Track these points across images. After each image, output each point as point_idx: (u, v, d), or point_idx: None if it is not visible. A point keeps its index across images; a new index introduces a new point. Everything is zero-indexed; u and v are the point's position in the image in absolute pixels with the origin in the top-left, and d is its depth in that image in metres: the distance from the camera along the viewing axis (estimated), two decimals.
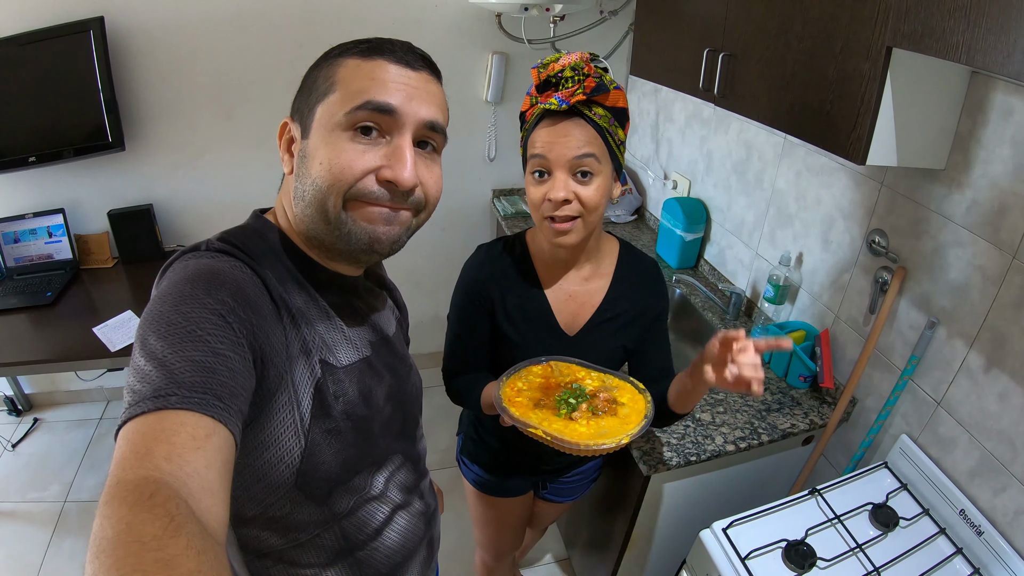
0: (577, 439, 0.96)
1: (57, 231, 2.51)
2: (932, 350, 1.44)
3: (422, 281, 3.16)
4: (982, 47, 0.88)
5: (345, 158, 0.74)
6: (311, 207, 0.77)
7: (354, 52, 0.78)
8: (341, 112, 0.74)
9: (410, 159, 0.76)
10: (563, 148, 1.10)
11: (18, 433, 2.98)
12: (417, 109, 0.77)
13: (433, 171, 0.83)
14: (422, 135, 0.80)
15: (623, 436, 0.98)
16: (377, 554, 0.93)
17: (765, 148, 1.99)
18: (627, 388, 1.12)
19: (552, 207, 1.12)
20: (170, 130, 2.53)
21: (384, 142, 0.77)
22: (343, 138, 0.75)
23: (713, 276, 2.35)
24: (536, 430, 0.98)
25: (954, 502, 1.37)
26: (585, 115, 1.10)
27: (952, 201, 1.35)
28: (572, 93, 1.08)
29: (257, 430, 0.73)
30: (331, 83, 0.76)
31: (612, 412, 1.05)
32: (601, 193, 1.13)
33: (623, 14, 2.62)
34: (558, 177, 1.11)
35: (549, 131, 1.11)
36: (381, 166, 0.75)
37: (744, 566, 1.27)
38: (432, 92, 0.81)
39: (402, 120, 0.76)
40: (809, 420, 1.65)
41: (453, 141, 0.98)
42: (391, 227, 0.79)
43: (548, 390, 1.10)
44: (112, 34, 2.25)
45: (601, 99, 1.11)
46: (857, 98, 1.17)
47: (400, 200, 0.78)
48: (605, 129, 1.12)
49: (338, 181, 0.74)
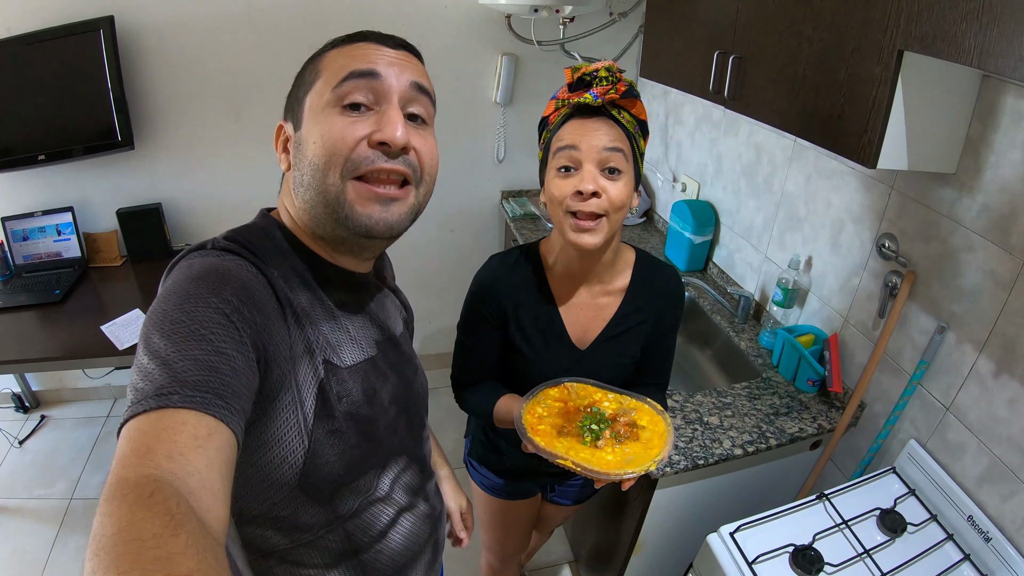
0: (607, 468, 0.99)
1: (66, 229, 2.53)
2: (941, 355, 1.43)
3: (431, 282, 3.17)
4: (994, 51, 0.88)
5: (337, 130, 0.76)
6: (311, 191, 0.78)
7: (335, 44, 0.82)
8: (328, 90, 0.77)
9: (399, 119, 0.78)
10: (592, 140, 1.10)
11: (25, 430, 3.00)
12: (400, 73, 0.80)
13: (426, 140, 0.84)
14: (410, 98, 0.81)
15: (650, 463, 1.00)
16: (382, 556, 0.93)
17: (775, 151, 1.99)
18: (645, 410, 1.12)
19: (579, 200, 1.11)
20: (179, 129, 2.54)
21: (373, 112, 0.78)
22: (333, 113, 0.77)
23: (722, 279, 2.35)
24: (566, 461, 1.00)
25: (962, 508, 1.36)
26: (614, 116, 1.12)
27: (962, 205, 1.35)
28: (606, 91, 1.10)
29: (260, 430, 0.73)
30: (316, 72, 0.80)
31: (634, 437, 1.06)
32: (627, 192, 1.13)
33: (633, 16, 2.61)
34: (587, 169, 1.10)
35: (579, 126, 1.12)
36: (372, 131, 0.77)
37: (751, 570, 1.27)
38: (413, 63, 0.84)
39: (387, 83, 0.78)
40: (817, 424, 1.64)
41: (462, 142, 0.98)
42: (387, 211, 0.80)
43: (568, 415, 1.11)
44: (122, 33, 2.27)
45: (629, 104, 1.14)
46: (868, 101, 1.16)
47: (395, 161, 0.79)
48: (632, 135, 1.13)
49: (334, 154, 0.75)
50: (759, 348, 1.98)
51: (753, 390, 1.77)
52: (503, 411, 1.28)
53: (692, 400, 1.71)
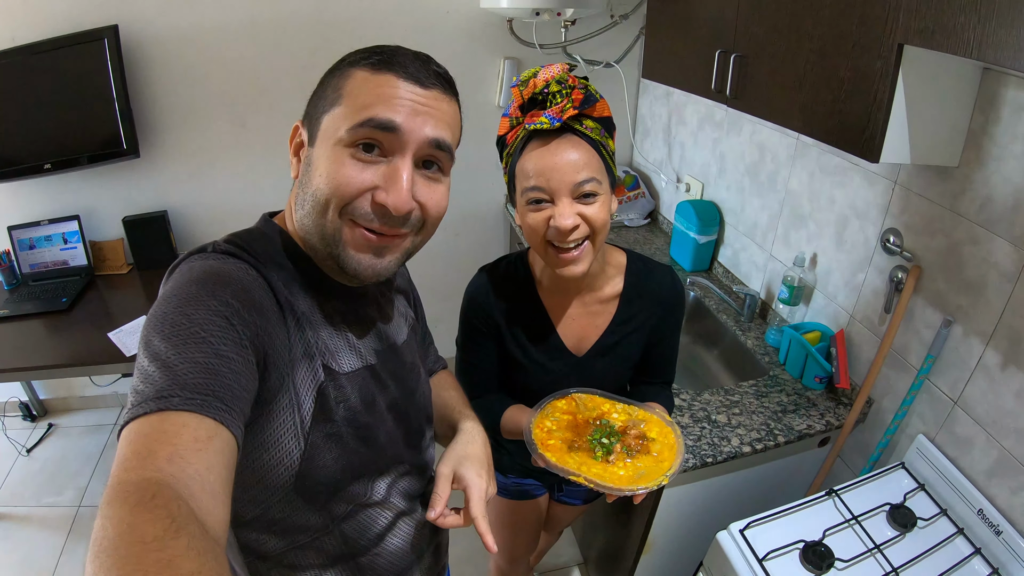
0: (619, 483, 0.98)
1: (72, 238, 2.54)
2: (948, 349, 1.43)
3: (436, 287, 3.15)
4: (993, 42, 0.88)
5: (344, 174, 0.74)
6: (309, 217, 0.78)
7: (365, 63, 0.76)
8: (344, 128, 0.74)
9: (406, 182, 0.75)
10: (562, 174, 1.03)
11: (33, 438, 3.01)
12: (422, 126, 0.76)
13: (435, 190, 0.81)
14: (426, 154, 0.78)
15: (662, 477, 0.99)
16: (380, 560, 0.93)
17: (778, 149, 1.99)
18: (654, 421, 1.12)
19: (558, 235, 1.05)
20: (184, 137, 2.56)
21: (385, 161, 0.76)
22: (344, 154, 0.74)
23: (727, 278, 2.35)
24: (578, 478, 0.99)
25: (972, 502, 1.35)
26: (577, 131, 1.05)
27: (966, 198, 1.35)
28: (562, 109, 1.02)
29: (257, 431, 0.73)
30: (339, 94, 0.76)
31: (645, 450, 1.06)
32: (607, 209, 1.08)
33: (634, 18, 2.63)
34: (562, 203, 1.04)
35: (542, 154, 1.04)
36: (377, 186, 0.75)
37: (762, 567, 1.26)
38: (441, 110, 0.79)
39: (404, 138, 0.75)
40: (825, 421, 1.64)
41: (466, 146, 0.96)
42: (379, 260, 0.79)
43: (577, 428, 1.10)
44: (126, 43, 2.29)
45: (589, 111, 1.06)
46: (869, 96, 1.17)
47: (394, 224, 0.77)
48: (598, 143, 1.07)
49: (335, 195, 0.74)
50: (766, 346, 1.97)
51: (760, 388, 1.77)
52: (510, 423, 1.28)
53: (699, 399, 1.71)
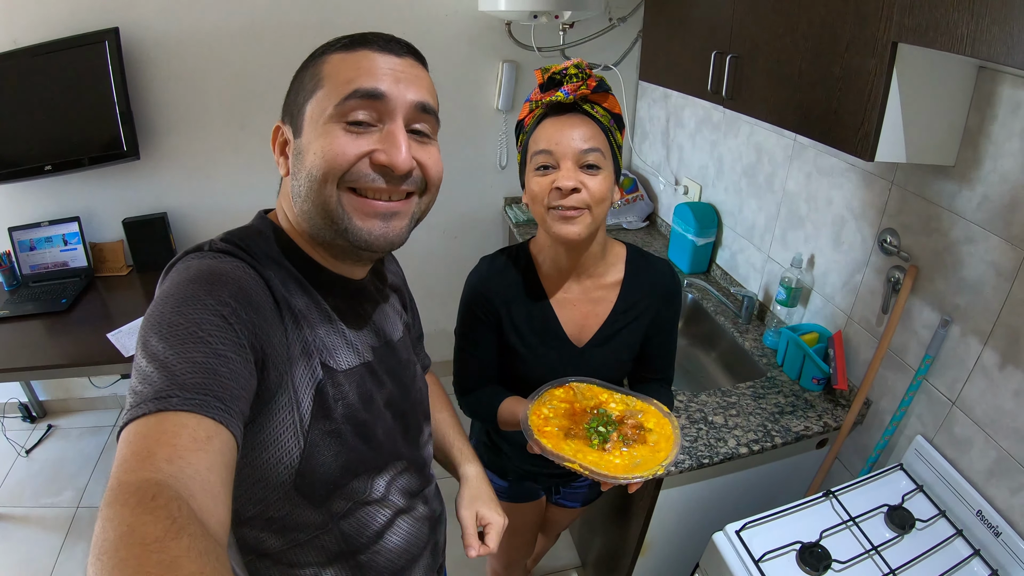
0: (614, 472, 0.98)
1: (72, 239, 2.54)
2: (946, 349, 1.42)
3: (434, 289, 3.16)
4: (986, 38, 0.88)
5: (339, 143, 0.74)
6: (308, 201, 0.77)
7: (337, 48, 0.79)
8: (331, 104, 0.75)
9: (403, 141, 0.77)
10: (569, 140, 1.10)
11: (32, 439, 3.01)
12: (405, 91, 0.77)
13: (430, 152, 0.83)
14: (414, 118, 0.79)
15: (658, 467, 0.99)
16: (379, 557, 0.93)
17: (775, 151, 1.99)
18: (651, 411, 1.12)
19: (559, 196, 1.10)
20: (184, 139, 2.57)
21: (377, 129, 0.77)
22: (336, 128, 0.75)
23: (725, 280, 2.34)
24: (573, 464, 0.99)
25: (971, 503, 1.34)
26: (588, 112, 1.12)
27: (963, 197, 1.34)
28: (576, 88, 1.11)
29: (256, 430, 0.73)
30: (318, 80, 0.77)
31: (641, 440, 1.06)
32: (608, 186, 1.13)
33: (632, 21, 2.63)
34: (565, 167, 1.10)
35: (554, 123, 1.12)
36: (375, 149, 0.76)
37: (758, 568, 1.26)
38: (419, 75, 0.81)
39: (392, 104, 0.76)
40: (823, 422, 1.63)
41: (464, 149, 0.97)
42: (388, 226, 0.79)
43: (575, 416, 1.11)
44: (127, 45, 2.29)
45: (601, 99, 1.14)
46: (864, 94, 1.16)
47: (396, 183, 0.78)
48: (608, 128, 1.13)
49: (332, 168, 0.74)
50: (763, 348, 1.97)
51: (758, 389, 1.77)
52: (507, 413, 1.27)
53: (697, 400, 1.71)
